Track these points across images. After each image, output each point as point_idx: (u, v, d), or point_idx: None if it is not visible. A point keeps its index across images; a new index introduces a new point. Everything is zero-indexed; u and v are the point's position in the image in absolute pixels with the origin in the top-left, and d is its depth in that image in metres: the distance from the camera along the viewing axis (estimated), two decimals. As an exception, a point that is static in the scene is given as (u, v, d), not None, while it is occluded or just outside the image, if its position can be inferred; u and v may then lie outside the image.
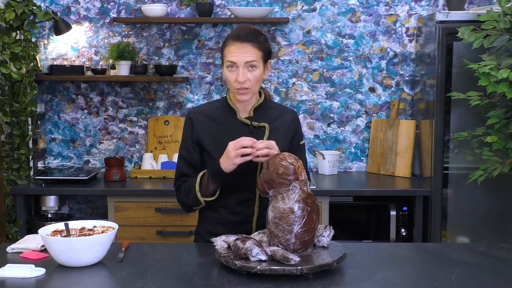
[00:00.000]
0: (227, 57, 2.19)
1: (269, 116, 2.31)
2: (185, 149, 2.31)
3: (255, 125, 2.27)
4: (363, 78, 3.97)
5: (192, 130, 2.29)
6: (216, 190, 2.23)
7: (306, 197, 1.96)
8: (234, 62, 2.18)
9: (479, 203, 3.40)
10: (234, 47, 2.18)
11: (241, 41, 2.18)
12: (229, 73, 2.20)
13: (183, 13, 3.95)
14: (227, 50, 2.20)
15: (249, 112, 2.29)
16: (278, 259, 1.89)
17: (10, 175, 3.55)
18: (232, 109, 2.29)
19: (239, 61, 2.17)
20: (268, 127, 2.28)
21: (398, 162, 3.83)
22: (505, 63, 2.90)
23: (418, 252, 2.24)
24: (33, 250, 2.15)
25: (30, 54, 3.61)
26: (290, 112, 2.40)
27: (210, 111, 2.32)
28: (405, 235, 3.50)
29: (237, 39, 2.19)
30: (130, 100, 4.03)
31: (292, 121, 2.36)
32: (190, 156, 2.30)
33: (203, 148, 2.27)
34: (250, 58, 2.18)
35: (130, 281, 1.87)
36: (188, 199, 2.28)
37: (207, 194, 2.24)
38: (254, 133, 2.26)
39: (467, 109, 3.15)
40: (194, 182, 2.24)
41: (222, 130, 2.27)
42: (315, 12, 3.93)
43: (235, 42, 2.19)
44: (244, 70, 2.18)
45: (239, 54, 2.17)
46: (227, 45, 2.21)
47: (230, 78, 2.20)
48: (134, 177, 3.76)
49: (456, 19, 3.29)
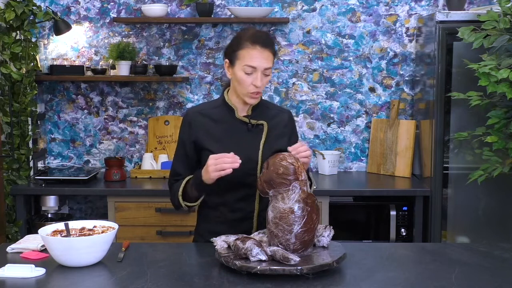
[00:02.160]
0: (247, 61, 2.19)
1: (267, 114, 2.33)
2: (181, 148, 2.34)
3: (254, 123, 2.29)
4: (363, 78, 3.97)
5: (190, 130, 2.30)
6: (199, 197, 2.28)
7: (306, 197, 1.96)
8: (255, 67, 2.19)
9: (479, 203, 3.40)
10: (256, 51, 2.19)
11: (261, 46, 2.20)
12: (246, 76, 2.20)
13: (183, 13, 3.95)
14: (246, 53, 2.20)
15: (247, 110, 2.31)
16: (278, 259, 1.89)
17: (10, 175, 3.55)
18: (231, 107, 2.31)
19: (260, 66, 2.19)
20: (266, 125, 2.30)
21: (398, 162, 3.83)
22: (505, 63, 2.90)
23: (418, 252, 2.24)
24: (33, 250, 2.16)
25: (30, 54, 3.61)
26: (285, 111, 2.43)
27: (208, 110, 2.33)
28: (405, 235, 3.50)
29: (257, 43, 2.20)
30: (130, 100, 4.03)
31: (289, 120, 2.40)
32: (186, 155, 2.32)
33: (201, 148, 2.28)
34: (269, 65, 2.21)
35: (130, 281, 1.87)
36: (174, 200, 2.33)
37: (189, 199, 2.29)
38: (253, 132, 2.29)
39: (467, 109, 3.15)
40: (179, 185, 2.29)
41: (221, 128, 2.29)
42: (315, 12, 3.93)
43: (256, 46, 2.19)
44: (261, 75, 2.20)
45: (260, 60, 2.19)
46: (245, 47, 2.20)
47: (246, 82, 2.21)
48: (134, 177, 3.76)
49: (456, 19, 3.29)
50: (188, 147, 2.31)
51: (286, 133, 2.35)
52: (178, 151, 2.35)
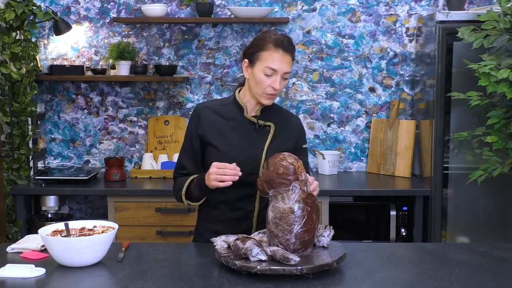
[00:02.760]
0: (269, 63, 2.22)
1: (275, 117, 2.36)
2: (188, 142, 2.36)
3: (261, 124, 2.32)
4: (363, 78, 3.97)
5: (198, 124, 2.33)
6: (201, 197, 2.31)
7: (306, 197, 1.96)
8: (276, 70, 2.23)
9: (479, 203, 3.40)
10: (278, 54, 2.23)
11: (284, 50, 2.24)
12: (265, 78, 2.24)
13: (183, 13, 3.95)
14: (268, 55, 2.23)
15: (256, 111, 2.34)
16: (278, 259, 1.89)
17: (10, 175, 3.55)
18: (241, 106, 2.34)
19: (281, 69, 2.23)
20: (273, 127, 2.33)
21: (398, 162, 3.83)
22: (505, 63, 2.90)
23: (418, 252, 2.24)
24: (33, 250, 2.16)
25: (30, 54, 3.61)
26: (293, 116, 2.47)
27: (218, 107, 2.36)
28: (405, 235, 3.50)
29: (280, 46, 2.24)
30: (130, 100, 4.03)
31: (296, 125, 2.42)
32: (192, 148, 2.35)
33: (207, 143, 2.31)
34: (289, 70, 2.26)
35: (130, 281, 1.87)
36: (177, 196, 2.36)
37: (191, 198, 2.32)
38: (260, 132, 2.32)
39: (467, 109, 3.15)
40: (184, 183, 2.31)
41: (229, 125, 2.32)
42: (315, 12, 3.93)
43: (278, 50, 2.23)
44: (280, 78, 2.24)
45: (281, 63, 2.23)
46: (268, 49, 2.24)
47: (265, 83, 2.24)
48: (134, 177, 3.76)
49: (456, 19, 3.29)
50: (194, 141, 2.33)
51: (293, 137, 2.38)
52: (184, 144, 2.38)
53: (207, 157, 2.30)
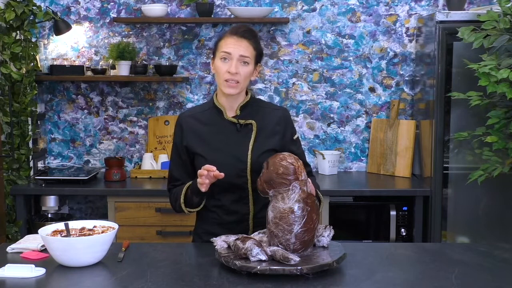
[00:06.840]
0: (223, 48, 2.23)
1: (257, 113, 2.32)
2: (175, 153, 2.36)
3: (242, 123, 2.29)
4: (363, 78, 3.97)
5: (181, 135, 2.32)
6: (200, 202, 2.28)
7: (306, 197, 1.97)
8: (229, 53, 2.22)
9: (479, 203, 3.40)
10: (232, 39, 2.23)
11: (239, 36, 2.24)
12: (222, 64, 2.23)
13: (183, 13, 3.95)
14: (223, 42, 2.25)
15: (236, 111, 2.31)
16: (278, 259, 1.89)
17: (10, 175, 3.55)
18: (219, 109, 2.31)
19: (234, 53, 2.22)
20: (256, 124, 2.29)
21: (398, 162, 3.83)
22: (505, 63, 2.90)
23: (418, 252, 2.24)
24: (33, 250, 2.16)
25: (30, 54, 3.61)
26: (279, 109, 2.40)
27: (198, 114, 2.35)
28: (405, 235, 3.50)
29: (235, 33, 2.24)
30: (130, 100, 4.03)
31: (281, 117, 2.34)
32: (180, 160, 2.34)
33: (194, 152, 2.30)
34: (245, 53, 2.23)
35: (130, 281, 1.87)
36: (176, 205, 2.34)
37: (191, 205, 2.29)
38: (242, 132, 2.28)
39: (467, 109, 3.15)
40: (180, 192, 2.29)
41: (210, 131, 2.30)
42: (315, 12, 3.93)
43: (233, 36, 2.24)
44: (237, 63, 2.22)
45: (235, 47, 2.22)
46: (223, 38, 2.26)
47: (221, 69, 2.23)
48: (134, 177, 3.76)
49: (456, 19, 3.29)
50: (181, 151, 2.33)
51: (278, 131, 2.31)
52: (173, 156, 2.37)
53: (196, 166, 2.28)
